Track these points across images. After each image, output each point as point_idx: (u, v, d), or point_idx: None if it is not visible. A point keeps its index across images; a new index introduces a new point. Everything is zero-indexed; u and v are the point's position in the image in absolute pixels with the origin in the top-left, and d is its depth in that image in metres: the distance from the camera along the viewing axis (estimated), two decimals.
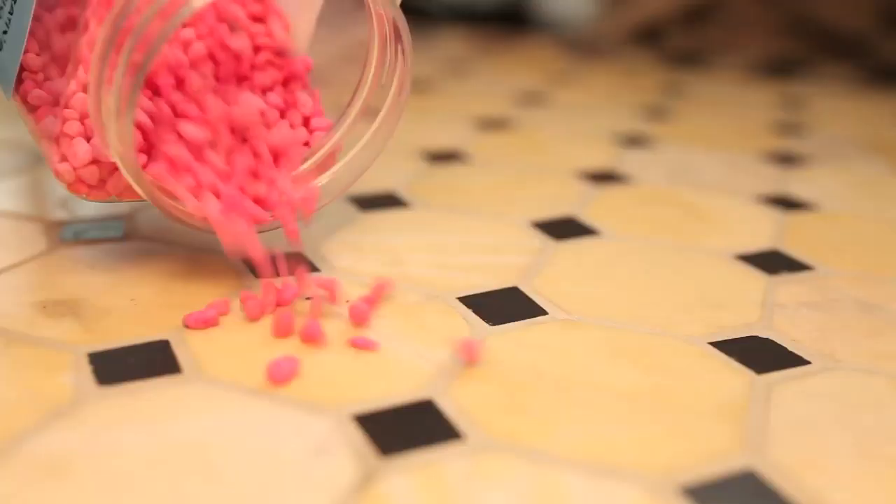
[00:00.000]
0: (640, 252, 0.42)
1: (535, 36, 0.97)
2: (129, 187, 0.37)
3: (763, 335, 0.35)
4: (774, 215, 0.49)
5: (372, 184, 0.50)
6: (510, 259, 0.41)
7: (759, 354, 0.34)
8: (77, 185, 0.36)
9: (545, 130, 0.63)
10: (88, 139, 0.35)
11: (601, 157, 0.57)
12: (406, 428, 0.28)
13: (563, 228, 0.45)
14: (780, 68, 0.87)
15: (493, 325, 0.35)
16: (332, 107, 0.45)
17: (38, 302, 0.35)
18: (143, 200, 0.38)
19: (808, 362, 0.33)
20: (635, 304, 0.37)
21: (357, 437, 0.28)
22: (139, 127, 0.35)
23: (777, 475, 0.27)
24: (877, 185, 0.54)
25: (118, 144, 0.32)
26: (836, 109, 0.73)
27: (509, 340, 0.34)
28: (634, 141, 0.62)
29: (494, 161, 0.56)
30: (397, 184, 0.50)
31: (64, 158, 0.36)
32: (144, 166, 0.35)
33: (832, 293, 0.39)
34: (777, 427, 0.29)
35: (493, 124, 0.64)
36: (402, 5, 1.05)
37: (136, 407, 0.29)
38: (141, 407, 0.29)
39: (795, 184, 0.54)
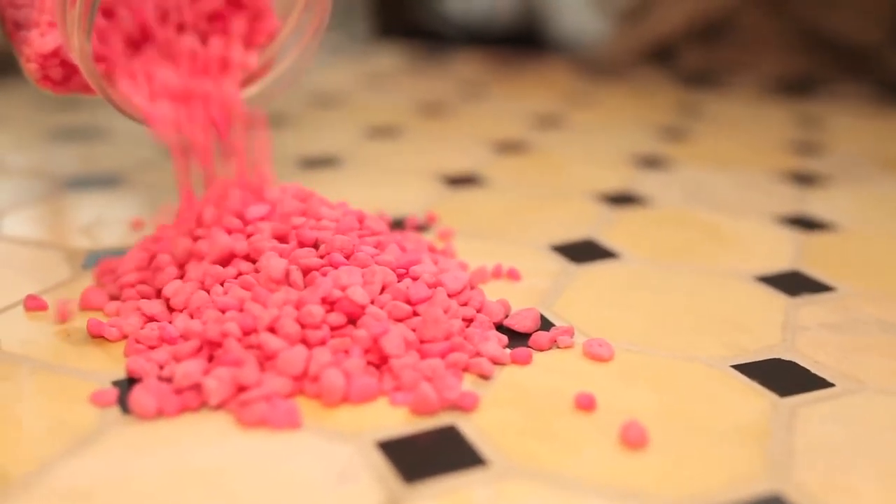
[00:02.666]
0: (659, 274, 0.42)
1: (549, 57, 0.97)
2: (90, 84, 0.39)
3: (785, 357, 0.35)
4: (793, 236, 0.48)
5: (392, 207, 0.50)
6: (530, 282, 0.41)
7: (782, 377, 0.34)
8: (44, 81, 0.40)
9: (561, 152, 0.64)
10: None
11: (618, 179, 0.58)
12: (429, 454, 0.28)
13: (582, 251, 0.45)
14: (794, 86, 0.87)
15: (514, 348, 0.35)
16: None
17: (61, 330, 0.35)
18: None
19: (831, 384, 0.33)
20: (656, 327, 0.37)
21: (380, 464, 0.28)
22: (98, 33, 0.38)
23: (803, 499, 0.27)
24: (895, 203, 0.54)
25: (77, 43, 0.35)
26: (852, 127, 0.73)
27: (531, 364, 0.34)
28: (651, 162, 0.62)
29: (511, 184, 0.56)
30: (416, 207, 0.50)
31: (30, 58, 0.39)
32: (107, 73, 0.39)
33: (853, 313, 0.39)
34: (801, 450, 0.29)
35: (509, 147, 0.64)
36: (416, 30, 1.06)
37: (160, 434, 0.29)
38: (164, 434, 0.29)
39: (813, 203, 0.54)
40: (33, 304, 0.37)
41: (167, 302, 0.35)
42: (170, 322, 0.34)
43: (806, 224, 0.50)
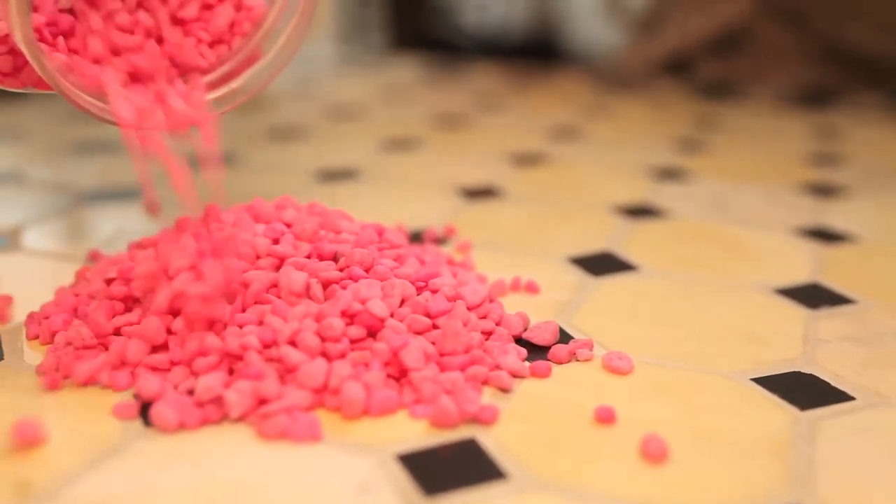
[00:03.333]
0: (678, 287, 0.42)
1: (565, 69, 0.98)
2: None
3: (806, 370, 0.35)
4: (813, 248, 0.48)
5: (411, 220, 0.50)
6: (549, 295, 0.41)
7: (803, 390, 0.33)
8: None
9: (579, 165, 0.64)
10: None
11: (636, 192, 0.58)
12: (449, 467, 0.28)
13: (601, 264, 0.45)
14: (813, 97, 0.87)
15: (533, 361, 0.35)
16: None
17: None
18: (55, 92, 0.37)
19: (852, 398, 0.33)
20: (675, 340, 0.37)
21: (400, 476, 0.28)
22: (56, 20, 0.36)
23: None
24: None
25: (20, 28, 0.32)
26: (871, 139, 0.73)
27: (550, 377, 0.34)
28: (669, 174, 0.62)
29: (529, 196, 0.56)
30: (434, 220, 0.50)
31: None
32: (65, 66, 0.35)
33: (874, 327, 0.39)
34: (823, 464, 0.29)
35: (527, 159, 0.64)
36: (432, 41, 1.06)
37: (181, 448, 0.29)
38: (186, 448, 0.29)
39: (833, 216, 0.54)
40: None
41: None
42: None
43: (825, 236, 0.50)
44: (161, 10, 0.38)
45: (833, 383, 0.34)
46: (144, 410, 0.31)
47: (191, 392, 0.31)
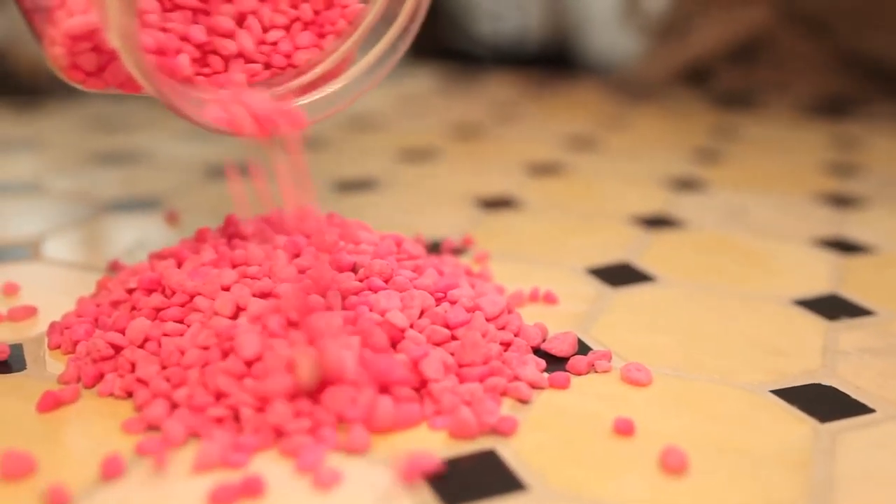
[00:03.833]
0: (696, 298, 0.42)
1: (582, 78, 0.98)
2: (131, 78, 0.32)
3: (826, 382, 0.35)
4: (832, 259, 0.48)
5: (428, 230, 0.50)
6: (567, 307, 0.41)
7: (823, 402, 0.33)
8: (72, 71, 0.33)
9: (596, 175, 0.64)
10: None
11: (654, 202, 0.58)
12: (469, 478, 0.28)
13: (619, 275, 0.45)
14: (832, 107, 0.87)
15: (551, 372, 0.35)
16: None
17: None
18: (144, 95, 0.35)
19: (872, 410, 0.33)
20: (694, 352, 0.37)
21: (421, 488, 0.28)
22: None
23: None
24: None
25: (120, 25, 0.29)
26: (890, 149, 0.72)
27: (568, 388, 0.34)
28: (687, 185, 0.62)
29: (547, 207, 0.56)
30: (451, 230, 0.50)
31: (55, 41, 0.33)
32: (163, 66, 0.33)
33: (894, 338, 0.39)
34: (843, 477, 0.29)
35: (544, 169, 0.64)
36: (448, 51, 1.06)
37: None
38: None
39: (852, 226, 0.54)
40: None
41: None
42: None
43: (844, 247, 0.50)
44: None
45: (853, 395, 0.34)
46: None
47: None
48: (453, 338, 0.34)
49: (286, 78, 0.38)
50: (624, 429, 0.31)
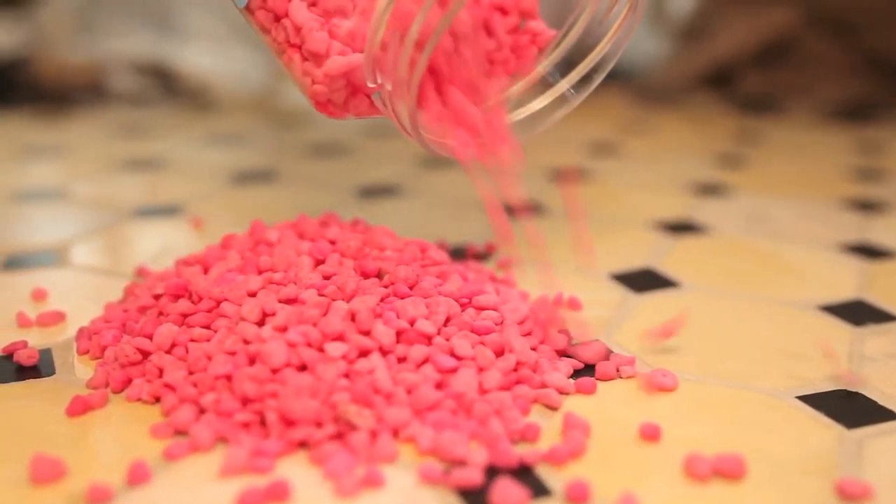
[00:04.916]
0: (720, 304, 0.42)
1: (604, 83, 0.97)
2: (370, 107, 0.38)
3: (851, 388, 0.35)
4: (856, 264, 0.48)
5: (452, 236, 0.50)
6: (592, 312, 0.41)
7: (849, 408, 0.33)
8: (325, 105, 0.38)
9: (619, 180, 0.64)
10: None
11: (677, 207, 0.57)
12: (497, 485, 0.28)
13: (642, 280, 0.45)
14: (856, 111, 0.86)
15: (577, 378, 0.35)
16: None
17: None
18: (378, 116, 0.39)
19: None
20: (719, 357, 0.37)
21: (449, 497, 0.28)
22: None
23: None
24: None
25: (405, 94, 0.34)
26: None
27: (594, 394, 0.34)
28: (709, 190, 0.61)
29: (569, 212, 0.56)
30: (475, 236, 0.51)
31: (317, 80, 0.37)
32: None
33: None
34: (871, 483, 0.29)
35: (566, 174, 0.64)
36: None
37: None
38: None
39: (876, 231, 0.53)
40: None
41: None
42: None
43: (869, 252, 0.50)
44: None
45: (880, 401, 0.34)
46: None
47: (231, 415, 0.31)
48: (480, 344, 0.34)
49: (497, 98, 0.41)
50: (650, 434, 0.31)
